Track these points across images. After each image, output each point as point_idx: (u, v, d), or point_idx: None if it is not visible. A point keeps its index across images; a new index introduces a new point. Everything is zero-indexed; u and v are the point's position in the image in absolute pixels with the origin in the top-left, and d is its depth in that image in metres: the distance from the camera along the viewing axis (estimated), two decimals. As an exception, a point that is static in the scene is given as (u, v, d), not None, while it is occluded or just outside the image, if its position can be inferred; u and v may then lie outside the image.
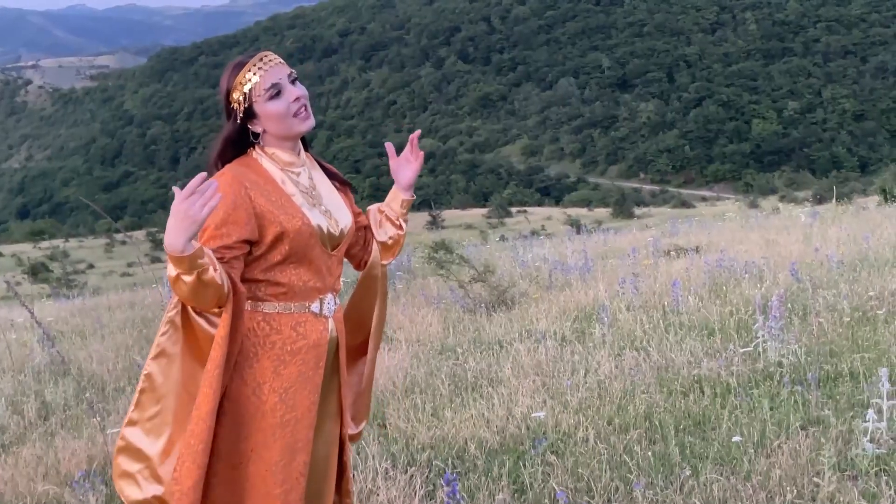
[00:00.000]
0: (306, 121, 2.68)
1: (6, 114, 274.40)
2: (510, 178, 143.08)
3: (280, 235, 2.60)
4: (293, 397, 2.66)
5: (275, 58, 2.69)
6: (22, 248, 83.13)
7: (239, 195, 2.56)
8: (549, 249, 14.15)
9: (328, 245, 2.72)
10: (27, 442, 5.50)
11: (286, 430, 2.65)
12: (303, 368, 2.68)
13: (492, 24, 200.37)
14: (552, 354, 6.33)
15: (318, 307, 2.72)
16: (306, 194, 2.71)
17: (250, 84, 2.64)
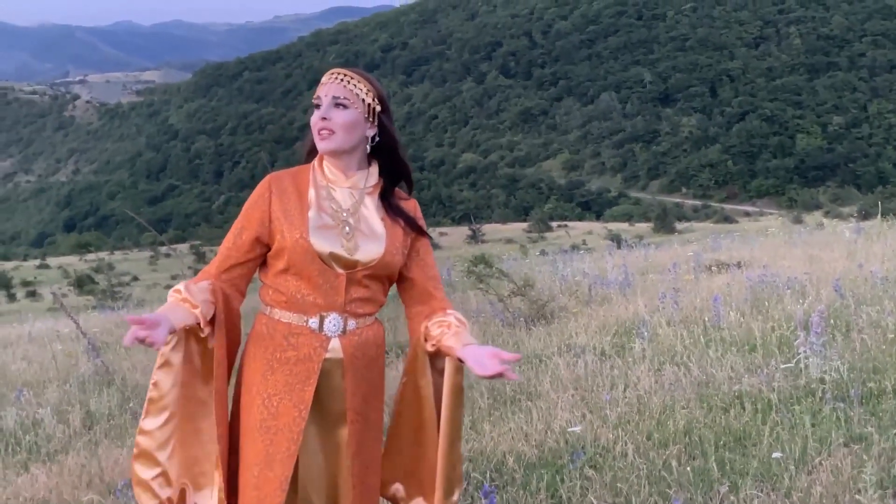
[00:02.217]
0: (322, 142, 2.73)
1: (54, 128, 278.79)
2: (551, 193, 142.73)
3: (280, 244, 2.69)
4: (276, 405, 2.69)
5: (345, 78, 2.75)
6: (68, 261, 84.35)
7: (262, 197, 2.75)
8: (590, 264, 14.09)
9: (335, 265, 2.70)
10: (72, 450, 5.58)
11: (265, 435, 2.68)
12: (290, 379, 2.69)
13: (533, 39, 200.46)
14: (591, 369, 6.32)
15: (316, 323, 2.71)
16: (335, 213, 2.74)
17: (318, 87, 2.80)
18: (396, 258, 2.78)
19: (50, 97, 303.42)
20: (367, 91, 2.75)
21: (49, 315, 20.02)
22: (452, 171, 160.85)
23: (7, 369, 9.16)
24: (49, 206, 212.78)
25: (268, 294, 2.77)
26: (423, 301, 2.86)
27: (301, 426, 2.68)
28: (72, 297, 36.34)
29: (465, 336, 2.72)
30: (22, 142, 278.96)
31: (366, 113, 2.76)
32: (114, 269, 67.66)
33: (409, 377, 2.83)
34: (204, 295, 2.65)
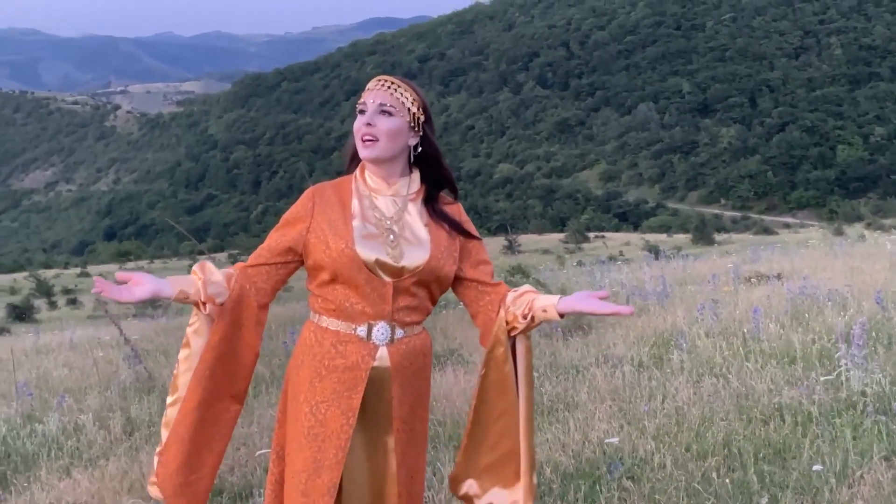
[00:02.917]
0: (366, 149, 2.74)
1: (95, 138, 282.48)
2: (588, 204, 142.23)
3: (325, 255, 2.70)
4: (324, 413, 2.71)
5: (390, 85, 2.77)
6: (109, 269, 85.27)
7: (305, 208, 2.79)
8: (627, 275, 14.04)
9: (381, 273, 2.71)
10: (113, 456, 5.64)
11: (313, 443, 2.70)
12: (337, 387, 2.71)
13: (570, 49, 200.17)
14: (629, 380, 6.29)
15: (364, 331, 2.73)
16: (379, 221, 2.75)
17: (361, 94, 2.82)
18: (443, 263, 2.78)
19: (91, 107, 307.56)
20: (412, 100, 2.77)
21: (89, 322, 20.29)
22: (489, 181, 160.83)
23: (49, 376, 9.28)
24: (90, 214, 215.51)
25: (316, 302, 2.79)
26: (488, 293, 2.86)
27: (349, 433, 2.70)
28: (113, 305, 36.75)
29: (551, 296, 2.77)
30: (64, 151, 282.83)
31: (410, 122, 2.78)
32: (154, 277, 68.08)
33: (488, 368, 2.83)
34: (218, 277, 2.71)
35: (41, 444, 6.06)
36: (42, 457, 5.79)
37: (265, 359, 8.30)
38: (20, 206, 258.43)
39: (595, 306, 2.68)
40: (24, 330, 22.43)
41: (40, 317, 42.54)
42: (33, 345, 13.18)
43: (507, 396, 2.84)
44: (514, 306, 2.79)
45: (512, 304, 2.80)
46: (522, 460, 2.85)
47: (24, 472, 5.61)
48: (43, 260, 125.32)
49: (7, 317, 41.77)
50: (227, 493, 4.69)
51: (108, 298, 2.58)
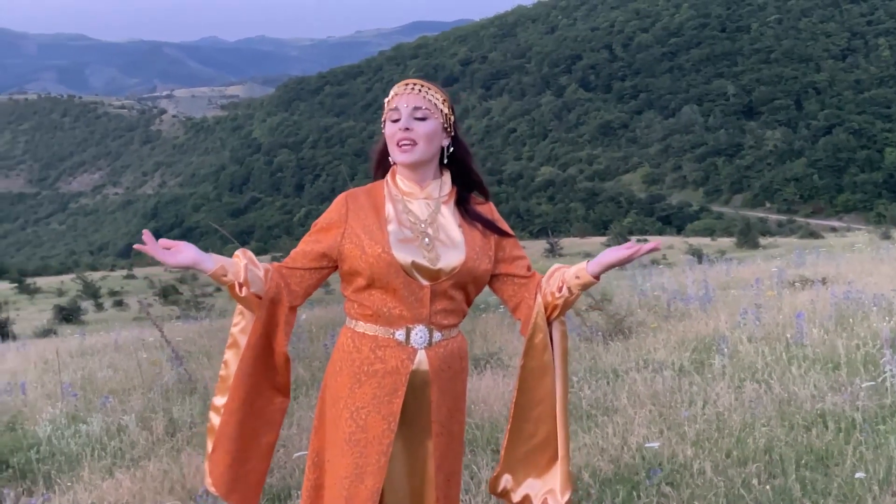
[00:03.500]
0: (403, 154, 2.75)
1: (141, 142, 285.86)
2: (630, 207, 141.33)
3: (360, 260, 2.71)
4: (364, 418, 2.72)
5: (421, 88, 2.77)
6: (154, 271, 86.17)
7: (339, 213, 2.80)
8: (669, 279, 13.93)
9: (419, 277, 2.72)
10: (154, 457, 5.70)
11: (355, 448, 2.71)
12: (377, 392, 2.72)
13: (614, 52, 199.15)
14: (669, 385, 6.24)
15: (403, 335, 2.73)
16: (414, 225, 2.76)
17: (386, 100, 2.82)
18: (478, 263, 2.79)
19: (138, 111, 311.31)
20: (442, 100, 2.79)
21: (135, 324, 20.50)
22: (531, 184, 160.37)
23: (94, 377, 9.40)
24: (136, 217, 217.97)
25: (353, 308, 2.80)
26: (524, 285, 2.88)
27: (390, 438, 2.71)
28: (157, 307, 37.10)
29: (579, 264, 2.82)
30: (110, 155, 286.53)
31: (444, 123, 2.78)
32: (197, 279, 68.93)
33: (528, 357, 2.86)
34: (258, 266, 2.73)
35: (85, 444, 6.14)
36: (85, 457, 5.86)
37: (305, 361, 8.35)
38: (68, 209, 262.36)
39: (620, 253, 2.72)
40: (70, 331, 22.78)
41: (87, 318, 43.18)
42: (79, 346, 13.37)
43: (546, 384, 2.87)
44: (548, 286, 2.82)
45: (546, 284, 2.83)
46: (560, 448, 2.87)
47: (68, 471, 5.69)
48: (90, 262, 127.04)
49: (54, 318, 42.45)
50: (266, 494, 4.72)
51: (149, 255, 2.62)
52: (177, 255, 2.64)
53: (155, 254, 2.63)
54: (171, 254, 2.63)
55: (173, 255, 2.63)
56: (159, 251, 2.63)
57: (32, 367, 11.29)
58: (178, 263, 2.64)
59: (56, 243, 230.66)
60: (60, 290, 71.42)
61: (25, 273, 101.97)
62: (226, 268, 2.68)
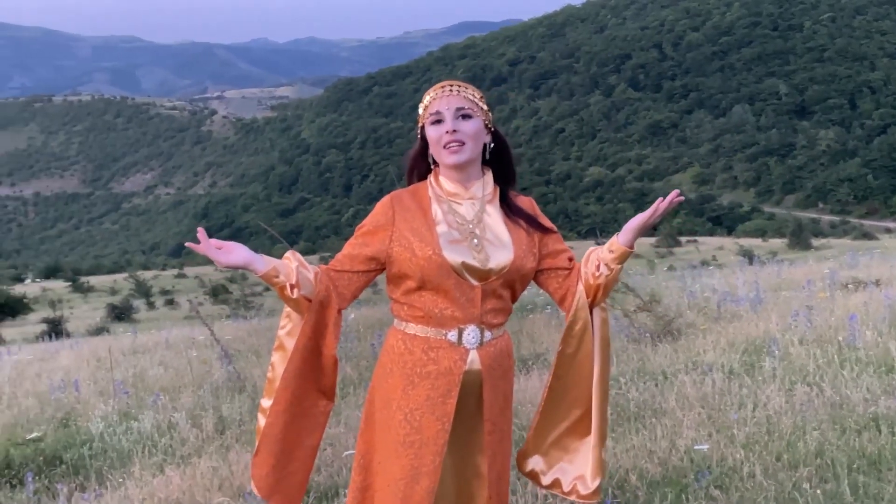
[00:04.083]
0: (453, 155, 2.74)
1: (193, 142, 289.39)
2: (680, 207, 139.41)
3: (411, 262, 2.70)
4: (419, 420, 2.72)
5: (461, 90, 2.78)
6: (204, 270, 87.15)
7: (386, 217, 2.78)
8: (719, 280, 13.79)
9: (469, 277, 2.72)
10: (204, 454, 5.75)
11: (409, 450, 2.71)
12: (431, 393, 2.72)
13: (663, 51, 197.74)
14: (719, 387, 6.17)
15: (455, 336, 2.73)
16: (462, 226, 2.76)
17: (423, 105, 2.82)
18: (526, 261, 2.80)
19: (189, 112, 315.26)
20: (480, 98, 2.79)
21: (185, 323, 20.77)
22: (579, 184, 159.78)
23: (146, 374, 9.53)
24: (187, 217, 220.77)
25: (402, 310, 2.80)
26: (568, 275, 2.89)
27: (445, 439, 2.72)
28: (207, 306, 37.52)
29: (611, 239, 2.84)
30: (162, 155, 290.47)
31: (486, 120, 2.78)
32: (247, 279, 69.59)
33: (566, 344, 2.88)
34: (308, 268, 2.73)
35: (136, 441, 6.22)
36: (136, 453, 5.94)
37: (353, 360, 8.38)
38: (121, 209, 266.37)
39: (645, 214, 2.78)
40: (122, 329, 23.11)
41: (139, 317, 43.81)
42: (131, 344, 13.57)
43: (582, 370, 2.89)
44: (587, 269, 2.84)
45: (584, 268, 2.85)
46: (594, 435, 2.90)
47: (120, 468, 5.77)
48: (142, 261, 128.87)
49: (107, 316, 43.13)
50: (314, 492, 4.74)
51: (201, 253, 2.63)
52: (229, 254, 2.66)
53: (208, 252, 2.64)
54: (223, 253, 2.65)
55: (225, 255, 2.65)
56: (212, 250, 2.64)
57: (86, 364, 11.48)
58: (230, 263, 2.66)
59: (109, 243, 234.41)
60: (113, 289, 72.54)
61: (79, 272, 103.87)
62: (277, 269, 2.68)
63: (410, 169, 2.91)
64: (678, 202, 2.79)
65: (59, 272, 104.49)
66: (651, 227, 2.82)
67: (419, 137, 2.86)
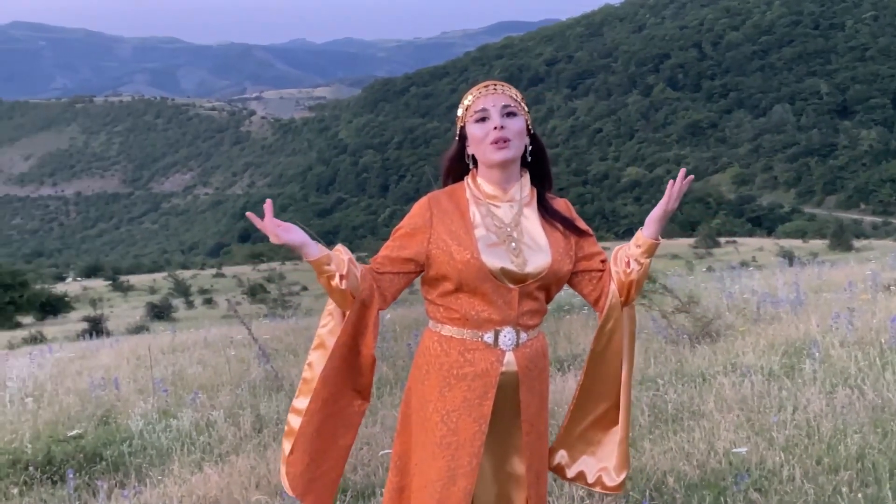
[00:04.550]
0: (499, 151, 2.72)
1: (231, 143, 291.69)
2: (719, 208, 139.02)
3: (448, 265, 2.69)
4: (455, 421, 2.71)
5: (500, 88, 2.77)
6: (242, 270, 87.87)
7: (423, 218, 2.76)
8: (759, 281, 13.67)
9: (506, 280, 2.71)
10: (242, 452, 5.79)
11: (446, 451, 2.70)
12: (468, 395, 2.71)
13: (703, 50, 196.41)
14: (758, 389, 6.11)
15: (491, 338, 2.73)
16: (500, 229, 2.75)
17: (465, 105, 2.80)
18: (563, 264, 2.79)
19: (228, 113, 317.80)
20: (522, 98, 2.79)
21: (224, 322, 20.93)
22: (616, 185, 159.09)
23: (184, 373, 9.60)
24: (225, 217, 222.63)
25: (438, 312, 2.79)
26: (601, 277, 2.90)
27: (482, 440, 2.72)
28: (245, 306, 37.76)
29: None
30: (201, 156, 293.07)
31: (528, 120, 2.78)
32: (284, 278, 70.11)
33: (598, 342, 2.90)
34: (357, 270, 2.70)
35: (175, 438, 6.27)
36: (175, 451, 5.99)
37: (389, 360, 8.41)
38: (160, 209, 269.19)
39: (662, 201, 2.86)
40: (162, 328, 23.32)
41: (178, 315, 44.19)
42: (170, 343, 13.69)
43: (610, 366, 2.91)
44: (617, 267, 2.85)
45: (614, 267, 2.86)
46: (621, 430, 2.92)
47: (159, 465, 5.82)
48: (181, 261, 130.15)
49: (147, 315, 43.56)
50: (351, 491, 4.76)
51: (260, 227, 2.60)
52: (287, 232, 2.63)
53: (266, 226, 2.61)
54: (282, 230, 2.62)
55: (285, 232, 2.62)
56: (272, 225, 2.61)
57: (125, 362, 11.60)
58: (288, 241, 2.63)
59: (149, 242, 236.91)
60: (153, 288, 73.33)
61: (119, 271, 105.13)
62: (329, 257, 2.66)
63: (447, 171, 2.89)
64: (689, 181, 2.83)
65: (99, 271, 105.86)
66: (671, 213, 2.86)
67: (457, 138, 2.85)
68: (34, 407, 8.26)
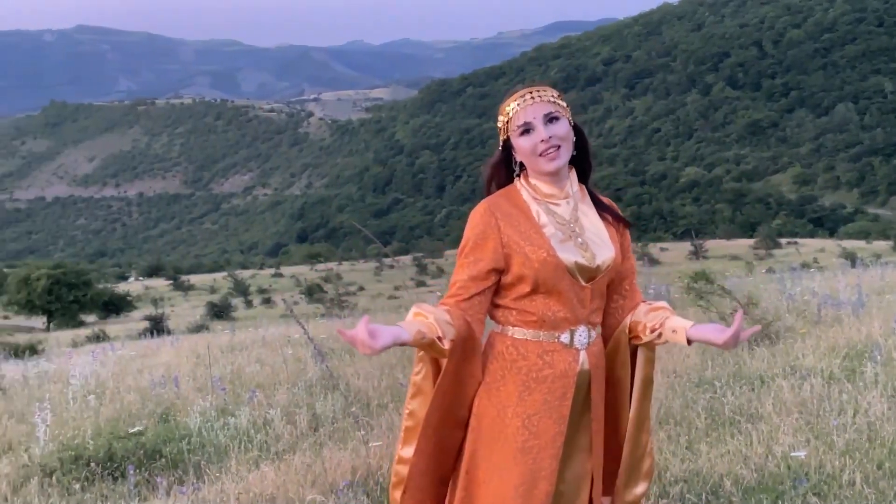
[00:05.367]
0: (552, 161, 2.70)
1: (290, 144, 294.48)
2: (780, 208, 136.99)
3: (525, 267, 2.66)
4: (536, 424, 2.69)
5: (544, 94, 2.73)
6: (300, 270, 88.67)
7: (489, 226, 2.69)
8: (820, 283, 13.44)
9: (580, 277, 2.70)
10: (298, 450, 5.84)
11: (528, 456, 2.68)
12: (548, 397, 2.70)
13: (763, 49, 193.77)
14: (818, 392, 6.02)
15: (567, 338, 2.72)
16: (563, 226, 2.73)
17: (506, 116, 2.77)
18: (620, 257, 2.80)
19: (286, 115, 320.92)
20: (558, 96, 2.75)
21: (281, 321, 21.11)
22: (675, 185, 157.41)
23: (242, 371, 9.72)
24: (284, 217, 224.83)
25: (511, 315, 2.75)
26: (626, 295, 2.87)
27: (561, 441, 2.72)
28: (303, 305, 38.08)
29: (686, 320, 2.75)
30: (260, 157, 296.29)
31: (568, 117, 2.76)
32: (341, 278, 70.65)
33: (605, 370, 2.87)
34: (443, 314, 2.63)
35: (233, 436, 6.34)
36: (233, 448, 6.05)
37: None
38: (220, 210, 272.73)
39: (720, 338, 2.62)
40: (221, 327, 23.62)
41: (237, 315, 44.73)
42: (229, 341, 13.85)
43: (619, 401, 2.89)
44: (647, 318, 2.79)
45: (644, 315, 2.81)
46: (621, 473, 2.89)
47: (217, 462, 5.89)
48: (240, 261, 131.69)
49: (207, 314, 44.17)
50: (405, 491, 4.77)
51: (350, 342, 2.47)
52: (379, 340, 2.47)
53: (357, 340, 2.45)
54: (376, 340, 2.46)
55: (378, 340, 2.46)
56: (365, 338, 2.44)
57: (185, 361, 11.76)
58: (382, 348, 2.49)
59: (209, 242, 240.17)
60: (213, 288, 74.32)
61: (180, 271, 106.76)
62: (422, 332, 2.58)
63: (490, 177, 2.86)
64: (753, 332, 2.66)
65: (161, 271, 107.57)
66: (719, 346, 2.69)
67: (500, 148, 2.82)
68: (96, 404, 8.42)
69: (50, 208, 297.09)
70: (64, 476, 5.79)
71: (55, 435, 6.86)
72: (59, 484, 5.75)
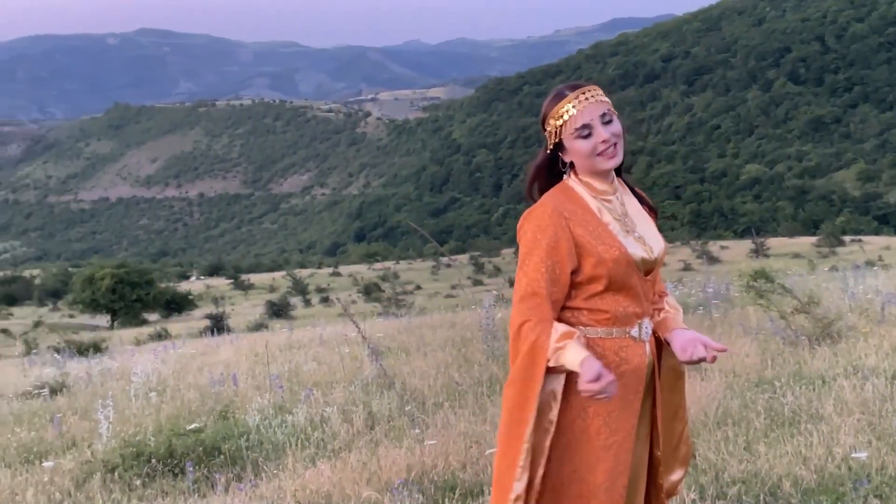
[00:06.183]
0: (611, 160, 2.71)
1: (347, 144, 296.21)
2: (843, 205, 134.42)
3: (598, 266, 2.66)
4: (616, 421, 2.71)
5: (596, 94, 2.72)
6: (358, 269, 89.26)
7: (560, 227, 2.66)
8: (884, 281, 13.18)
9: (643, 271, 2.74)
10: (354, 448, 5.88)
11: (609, 453, 2.70)
12: (625, 392, 2.71)
13: (826, 43, 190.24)
14: (881, 392, 5.91)
15: (637, 332, 2.74)
16: (620, 221, 2.74)
17: (564, 119, 2.73)
18: (664, 244, 2.86)
19: (344, 115, 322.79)
20: (604, 94, 2.75)
21: (339, 320, 21.24)
22: (735, 182, 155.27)
23: (300, 369, 9.81)
24: (342, 217, 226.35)
25: (582, 315, 2.73)
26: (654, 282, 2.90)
27: (634, 434, 2.76)
28: (360, 304, 38.31)
29: (677, 321, 2.83)
30: (318, 157, 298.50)
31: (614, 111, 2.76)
32: (398, 277, 70.94)
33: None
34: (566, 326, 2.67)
35: (290, 433, 6.41)
36: (290, 446, 6.12)
37: (499, 360, 8.41)
38: (279, 209, 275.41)
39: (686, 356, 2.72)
40: (279, 326, 23.84)
41: (295, 313, 45.16)
42: (287, 340, 13.99)
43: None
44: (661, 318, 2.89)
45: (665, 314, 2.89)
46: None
47: (274, 459, 5.96)
48: (299, 260, 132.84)
49: (266, 313, 44.66)
50: (459, 489, 4.79)
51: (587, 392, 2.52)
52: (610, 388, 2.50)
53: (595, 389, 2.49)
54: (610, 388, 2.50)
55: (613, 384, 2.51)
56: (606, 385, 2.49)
57: (244, 359, 11.92)
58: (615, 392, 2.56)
59: (268, 242, 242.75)
60: (272, 287, 75.09)
61: (240, 270, 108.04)
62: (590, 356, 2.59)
63: (532, 180, 2.85)
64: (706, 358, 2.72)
65: (221, 270, 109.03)
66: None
67: (549, 150, 2.80)
68: (157, 401, 8.57)
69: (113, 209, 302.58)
70: (125, 472, 5.91)
71: (117, 431, 7.00)
72: (120, 480, 5.87)
